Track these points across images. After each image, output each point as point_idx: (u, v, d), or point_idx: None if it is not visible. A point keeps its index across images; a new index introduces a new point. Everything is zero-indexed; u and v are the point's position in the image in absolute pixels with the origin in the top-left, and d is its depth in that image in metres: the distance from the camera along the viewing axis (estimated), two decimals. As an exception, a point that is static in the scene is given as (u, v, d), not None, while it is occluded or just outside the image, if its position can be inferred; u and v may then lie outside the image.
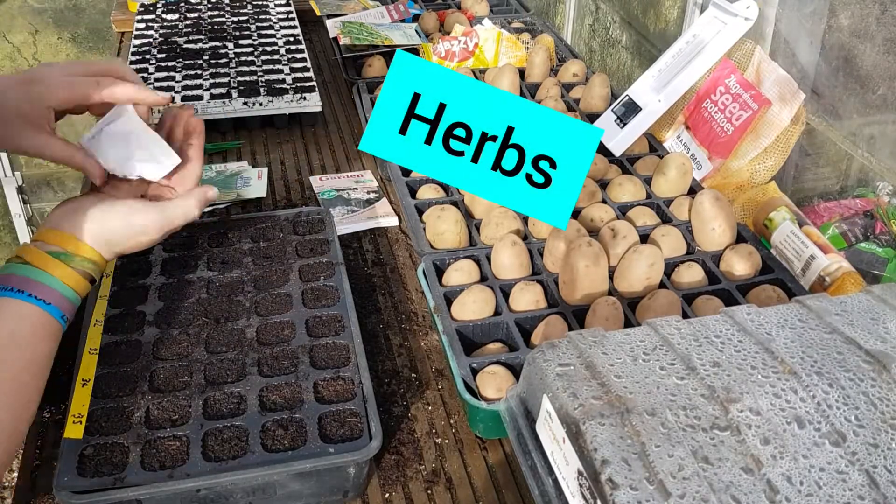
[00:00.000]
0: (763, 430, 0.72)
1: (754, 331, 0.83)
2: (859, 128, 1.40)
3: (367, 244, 1.47)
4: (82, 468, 0.92)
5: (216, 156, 1.73)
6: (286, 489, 0.95)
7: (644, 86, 1.57)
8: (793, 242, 1.27)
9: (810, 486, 0.68)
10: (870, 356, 0.78)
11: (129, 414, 0.99)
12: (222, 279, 1.23)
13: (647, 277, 1.18)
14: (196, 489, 0.91)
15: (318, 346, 1.10)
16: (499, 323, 1.15)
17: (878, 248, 1.36)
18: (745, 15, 1.46)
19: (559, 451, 0.76)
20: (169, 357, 1.08)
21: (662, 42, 2.01)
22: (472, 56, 1.91)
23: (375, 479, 1.02)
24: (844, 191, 1.50)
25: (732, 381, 0.76)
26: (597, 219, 1.34)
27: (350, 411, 1.00)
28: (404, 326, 1.27)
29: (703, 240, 1.29)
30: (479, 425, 1.07)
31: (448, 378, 1.17)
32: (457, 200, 1.40)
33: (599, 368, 0.78)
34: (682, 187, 1.43)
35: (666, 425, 0.72)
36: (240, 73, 1.89)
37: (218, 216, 1.43)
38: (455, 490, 1.01)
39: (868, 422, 0.72)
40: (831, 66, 1.43)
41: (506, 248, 1.22)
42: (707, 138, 1.54)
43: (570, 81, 1.85)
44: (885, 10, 1.29)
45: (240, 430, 0.97)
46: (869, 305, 0.87)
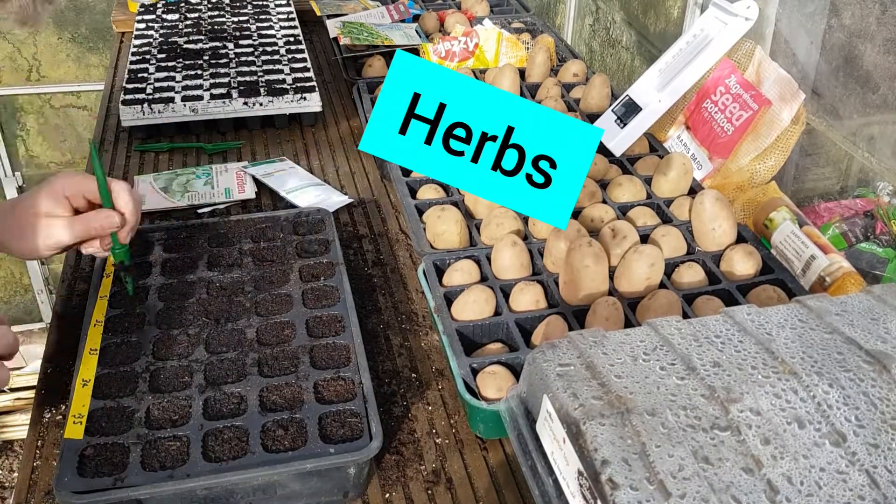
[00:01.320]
0: (763, 430, 0.72)
1: (754, 331, 0.83)
2: (859, 128, 1.40)
3: (367, 244, 1.47)
4: (82, 468, 0.92)
5: (216, 156, 1.73)
6: (286, 489, 0.95)
7: (644, 86, 1.57)
8: (793, 243, 1.27)
9: (810, 486, 0.68)
10: (870, 356, 0.78)
11: (129, 414, 0.99)
12: (222, 279, 1.23)
13: (648, 278, 1.18)
14: (196, 490, 0.91)
15: (318, 346, 1.10)
16: (499, 323, 1.15)
17: (879, 249, 1.36)
18: (746, 15, 1.46)
19: (559, 452, 0.76)
20: (169, 357, 1.08)
21: (663, 42, 2.01)
22: (472, 56, 1.91)
23: (376, 479, 1.02)
24: (845, 191, 1.50)
25: (733, 382, 0.76)
26: (597, 219, 1.34)
27: (350, 411, 1.00)
28: (405, 326, 1.27)
29: (704, 240, 1.29)
30: (479, 425, 1.07)
31: (448, 378, 1.17)
32: (457, 201, 1.40)
33: (600, 368, 0.78)
34: (683, 187, 1.43)
35: (666, 425, 0.72)
36: (240, 74, 1.89)
37: (218, 216, 1.43)
38: (455, 490, 1.01)
39: (868, 422, 0.72)
40: (831, 66, 1.43)
41: (506, 248, 1.22)
42: (707, 138, 1.54)
43: (571, 81, 1.85)
44: (886, 10, 1.29)
45: (240, 430, 0.97)
46: (869, 306, 0.87)
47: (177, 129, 1.79)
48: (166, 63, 1.95)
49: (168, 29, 2.15)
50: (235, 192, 1.57)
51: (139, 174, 1.64)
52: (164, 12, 2.26)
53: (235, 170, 1.64)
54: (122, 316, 1.15)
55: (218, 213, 1.52)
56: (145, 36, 2.11)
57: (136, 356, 1.08)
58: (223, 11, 2.28)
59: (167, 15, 2.25)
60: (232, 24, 2.19)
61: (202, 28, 2.16)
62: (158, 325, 1.14)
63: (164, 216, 1.52)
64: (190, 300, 1.18)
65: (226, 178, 1.61)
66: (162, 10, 2.28)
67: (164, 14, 2.25)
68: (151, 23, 2.19)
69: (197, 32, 2.13)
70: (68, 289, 1.34)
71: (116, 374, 1.05)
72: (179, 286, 1.21)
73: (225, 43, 2.06)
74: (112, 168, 1.69)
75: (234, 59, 1.97)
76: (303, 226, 1.36)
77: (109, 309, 1.16)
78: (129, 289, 1.18)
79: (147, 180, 1.60)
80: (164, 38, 2.10)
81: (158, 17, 2.23)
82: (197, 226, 1.35)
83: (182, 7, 2.30)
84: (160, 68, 1.92)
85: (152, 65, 1.94)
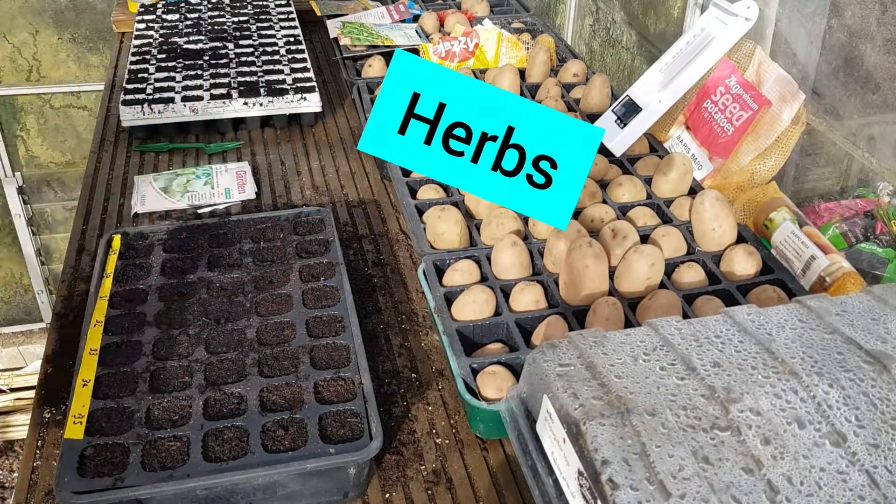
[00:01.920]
0: (763, 430, 0.72)
1: (755, 331, 0.83)
2: (860, 128, 1.40)
3: (367, 244, 1.47)
4: (83, 468, 0.92)
5: (216, 156, 1.73)
6: (287, 489, 0.95)
7: (644, 86, 1.57)
8: (793, 243, 1.27)
9: (811, 486, 0.68)
10: (870, 356, 0.78)
11: (129, 414, 0.99)
12: (223, 280, 1.23)
13: (648, 278, 1.18)
14: (196, 490, 0.91)
15: (318, 346, 1.10)
16: (499, 323, 1.15)
17: (879, 249, 1.36)
18: (746, 15, 1.46)
19: (559, 452, 0.76)
20: (169, 357, 1.08)
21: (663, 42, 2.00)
22: (472, 56, 1.91)
23: (376, 479, 1.02)
24: (845, 191, 1.50)
25: (733, 382, 0.76)
26: (597, 219, 1.34)
27: (350, 412, 1.00)
28: (405, 327, 1.27)
29: (704, 240, 1.29)
30: (479, 425, 1.07)
31: (448, 378, 1.17)
32: (457, 201, 1.40)
33: (600, 369, 0.78)
34: (683, 188, 1.43)
35: (666, 425, 0.72)
36: (240, 74, 1.89)
37: (218, 217, 1.43)
38: (455, 490, 1.01)
39: (868, 422, 0.72)
40: (831, 66, 1.43)
41: (506, 248, 1.22)
42: (707, 138, 1.54)
43: (571, 82, 1.85)
44: (886, 11, 1.29)
45: (240, 430, 0.97)
46: (869, 306, 0.87)
47: (177, 129, 1.79)
48: (166, 63, 1.95)
49: (168, 29, 2.15)
50: (235, 192, 1.57)
51: (139, 174, 1.64)
52: (164, 12, 2.26)
53: (235, 170, 1.64)
54: (123, 316, 1.15)
55: (218, 214, 1.52)
56: (145, 36, 2.11)
57: (137, 356, 1.08)
58: (223, 12, 2.28)
59: (167, 15, 2.24)
60: (232, 24, 2.19)
61: (202, 28, 2.16)
62: (158, 325, 1.14)
63: (165, 216, 1.52)
64: (190, 300, 1.18)
65: (226, 178, 1.61)
66: (162, 10, 2.28)
67: (165, 14, 2.25)
68: (151, 23, 2.19)
69: (197, 32, 2.13)
70: (68, 289, 1.34)
71: (117, 374, 1.05)
72: (179, 286, 1.21)
73: (225, 43, 2.06)
74: (112, 168, 1.69)
75: (234, 59, 1.97)
76: (303, 226, 1.36)
77: (109, 309, 1.16)
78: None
79: (147, 180, 1.60)
80: (165, 38, 2.10)
81: (158, 18, 2.23)
82: (197, 226, 1.35)
83: (182, 7, 2.30)
84: (160, 68, 1.92)
85: (152, 65, 1.94)
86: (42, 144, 3.58)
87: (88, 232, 1.49)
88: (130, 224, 1.51)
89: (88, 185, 1.64)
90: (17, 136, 3.55)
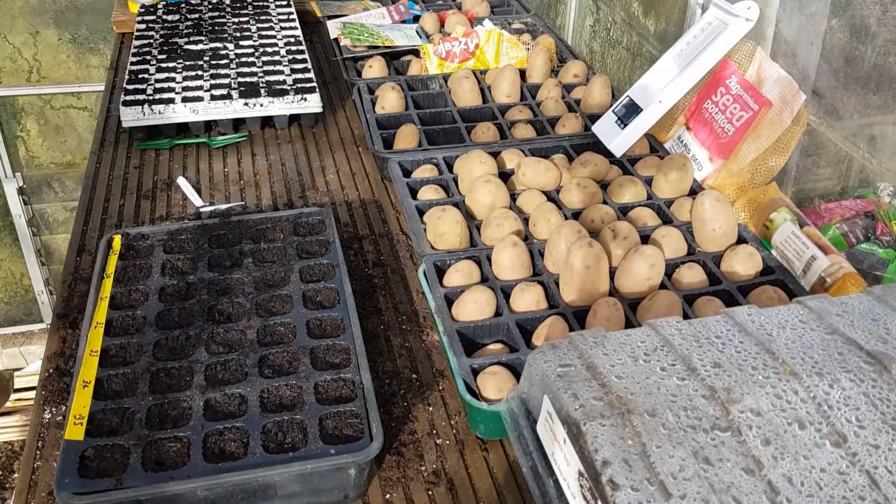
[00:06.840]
0: (764, 430, 0.72)
1: (755, 331, 0.83)
2: (860, 128, 1.40)
3: (367, 245, 1.47)
4: (83, 469, 0.92)
5: (218, 152, 1.73)
6: (287, 490, 0.95)
7: (645, 86, 1.57)
8: (793, 243, 1.27)
9: (811, 486, 0.68)
10: (870, 357, 0.78)
11: (129, 415, 0.99)
12: (223, 280, 1.23)
13: (648, 278, 1.18)
14: (197, 490, 0.91)
15: (318, 347, 1.10)
16: (499, 324, 1.15)
17: (879, 249, 1.36)
18: (746, 16, 1.46)
19: (560, 452, 0.76)
20: (170, 358, 1.08)
21: (663, 43, 2.00)
22: (472, 57, 1.91)
23: (376, 480, 1.02)
24: (845, 192, 1.50)
25: (733, 382, 0.76)
26: (597, 219, 1.34)
27: (351, 412, 1.00)
28: (405, 327, 1.27)
29: (704, 241, 1.29)
30: (479, 426, 1.07)
31: (449, 379, 1.17)
32: (457, 201, 1.40)
33: (600, 369, 0.78)
34: (683, 188, 1.43)
35: (667, 426, 0.72)
36: (240, 74, 1.89)
37: (218, 217, 1.43)
38: (456, 491, 1.01)
39: (869, 422, 0.72)
40: (832, 66, 1.43)
41: (506, 248, 1.22)
42: (708, 139, 1.54)
43: (571, 82, 1.85)
44: (886, 11, 1.29)
45: (240, 431, 0.97)
46: (869, 306, 0.87)
47: (177, 129, 1.79)
48: (167, 64, 1.95)
49: (168, 29, 2.15)
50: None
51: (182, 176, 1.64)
52: (164, 13, 2.26)
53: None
54: (123, 317, 1.15)
55: (218, 214, 1.52)
56: (146, 36, 2.11)
57: (137, 357, 1.08)
58: (224, 12, 2.28)
59: (167, 15, 2.24)
60: (232, 24, 2.19)
61: (203, 29, 2.16)
62: (159, 326, 1.14)
63: (165, 217, 1.52)
64: (190, 301, 1.18)
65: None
66: (162, 10, 2.28)
67: (165, 15, 2.25)
68: (152, 23, 2.19)
69: (197, 33, 2.13)
70: (69, 290, 1.34)
71: (117, 375, 1.05)
72: (180, 287, 1.21)
73: (225, 44, 2.06)
74: (112, 169, 1.69)
75: (235, 59, 1.97)
76: (303, 226, 1.36)
77: (110, 311, 1.16)
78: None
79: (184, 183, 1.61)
80: (165, 38, 2.10)
81: (159, 18, 2.23)
82: (197, 227, 1.35)
83: (182, 8, 2.30)
84: (160, 69, 1.92)
85: (153, 65, 1.94)
86: (42, 145, 3.58)
87: (89, 232, 1.49)
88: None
89: (89, 186, 1.64)
90: (18, 137, 3.55)
